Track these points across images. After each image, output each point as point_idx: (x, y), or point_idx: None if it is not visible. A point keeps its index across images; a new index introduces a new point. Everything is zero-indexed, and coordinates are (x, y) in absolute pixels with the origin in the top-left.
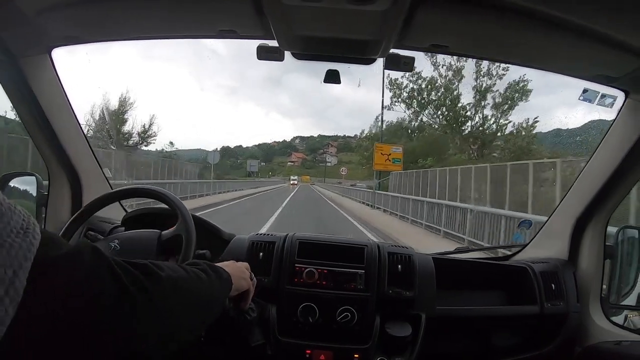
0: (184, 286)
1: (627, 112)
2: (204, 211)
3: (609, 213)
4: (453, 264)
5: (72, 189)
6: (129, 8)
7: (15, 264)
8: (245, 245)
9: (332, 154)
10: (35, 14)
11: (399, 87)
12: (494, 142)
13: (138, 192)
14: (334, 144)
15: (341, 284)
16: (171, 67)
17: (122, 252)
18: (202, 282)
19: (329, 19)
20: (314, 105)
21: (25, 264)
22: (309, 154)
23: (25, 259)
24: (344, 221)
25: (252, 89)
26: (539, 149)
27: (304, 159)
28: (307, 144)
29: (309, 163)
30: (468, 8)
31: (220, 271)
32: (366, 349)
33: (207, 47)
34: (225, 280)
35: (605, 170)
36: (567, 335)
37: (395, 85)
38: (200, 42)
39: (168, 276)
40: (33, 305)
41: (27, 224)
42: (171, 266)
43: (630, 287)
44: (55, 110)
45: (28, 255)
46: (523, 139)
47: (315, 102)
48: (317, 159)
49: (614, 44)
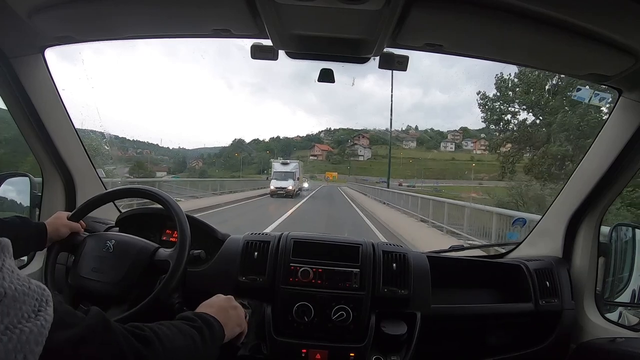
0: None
1: (620, 110)
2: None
3: (602, 211)
4: (448, 262)
5: (66, 189)
6: (122, 8)
7: (26, 349)
8: (239, 245)
9: (365, 146)
10: (27, 14)
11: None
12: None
13: (132, 193)
14: (366, 135)
15: (336, 283)
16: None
17: (114, 254)
18: (197, 347)
19: (322, 18)
20: (341, 102)
21: (36, 348)
22: (336, 146)
23: (37, 343)
24: None
25: (278, 88)
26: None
27: (329, 152)
28: (333, 136)
29: (335, 157)
30: (462, 7)
31: (215, 328)
32: (362, 348)
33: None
34: (219, 337)
35: (598, 169)
36: (562, 332)
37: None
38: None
39: (167, 349)
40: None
41: (39, 303)
42: (172, 335)
43: (624, 284)
44: (48, 111)
45: (39, 339)
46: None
47: (342, 99)
48: (345, 152)
49: (607, 43)
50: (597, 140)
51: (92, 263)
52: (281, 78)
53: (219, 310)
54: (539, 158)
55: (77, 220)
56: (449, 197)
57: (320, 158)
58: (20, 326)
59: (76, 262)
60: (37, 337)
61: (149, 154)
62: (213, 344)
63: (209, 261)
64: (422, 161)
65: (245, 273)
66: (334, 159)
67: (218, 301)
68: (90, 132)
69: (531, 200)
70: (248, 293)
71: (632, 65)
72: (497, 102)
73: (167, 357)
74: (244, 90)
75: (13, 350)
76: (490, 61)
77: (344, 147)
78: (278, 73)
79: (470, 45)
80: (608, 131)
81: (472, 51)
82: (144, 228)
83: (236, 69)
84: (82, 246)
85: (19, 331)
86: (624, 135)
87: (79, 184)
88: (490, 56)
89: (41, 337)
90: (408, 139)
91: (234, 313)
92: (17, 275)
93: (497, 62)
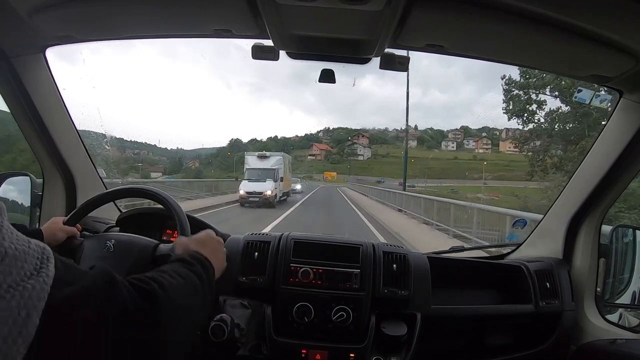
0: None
1: (621, 111)
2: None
3: (603, 212)
4: (448, 263)
5: (67, 189)
6: (123, 7)
7: (29, 305)
8: (240, 245)
9: (365, 145)
10: (28, 13)
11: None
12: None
13: (133, 192)
14: (366, 134)
15: (336, 284)
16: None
17: (115, 254)
18: (197, 293)
19: (323, 18)
20: (339, 102)
21: (39, 304)
22: (335, 145)
23: (39, 299)
24: None
25: (277, 87)
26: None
27: (328, 151)
28: (332, 135)
29: (335, 157)
30: (463, 8)
31: (210, 271)
32: (362, 348)
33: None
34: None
35: (599, 170)
36: (562, 334)
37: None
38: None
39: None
40: (45, 344)
41: (40, 262)
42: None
43: (625, 286)
44: (49, 110)
45: (42, 295)
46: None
47: (340, 99)
48: (344, 152)
49: (608, 44)
50: (598, 142)
51: (94, 264)
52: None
53: (212, 252)
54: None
55: (73, 224)
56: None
57: (318, 158)
58: (23, 284)
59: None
60: (40, 293)
61: (147, 154)
62: (210, 287)
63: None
64: (423, 160)
65: (246, 273)
66: (333, 158)
67: (209, 240)
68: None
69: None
70: (248, 293)
71: (633, 66)
72: (524, 89)
73: (170, 308)
74: (243, 90)
75: (17, 307)
76: (491, 62)
77: (343, 147)
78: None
79: (471, 46)
80: (609, 132)
81: (473, 52)
82: (145, 228)
83: (235, 68)
84: (80, 249)
85: (22, 288)
86: (625, 137)
87: (79, 184)
88: (491, 57)
89: (43, 293)
90: (409, 137)
91: (220, 249)
92: (17, 235)
93: (497, 63)
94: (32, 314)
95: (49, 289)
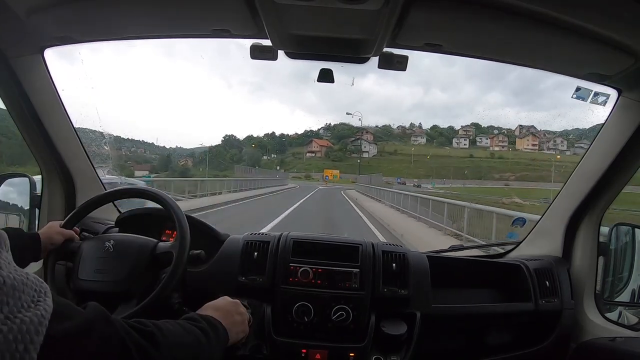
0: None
1: (620, 110)
2: None
3: (602, 210)
4: (448, 262)
5: (66, 190)
6: (121, 8)
7: (26, 339)
8: (239, 245)
9: (370, 141)
10: (27, 14)
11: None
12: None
13: (132, 193)
14: (370, 131)
15: (336, 283)
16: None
17: (115, 254)
18: (200, 347)
19: (321, 18)
20: (340, 102)
21: (36, 338)
22: (336, 142)
23: (37, 333)
24: None
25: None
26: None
27: (329, 148)
28: (333, 132)
29: (336, 154)
30: (461, 7)
31: (219, 332)
32: (361, 348)
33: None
34: (223, 340)
35: (598, 168)
36: (562, 332)
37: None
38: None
39: (171, 345)
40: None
41: (38, 294)
42: (176, 332)
43: (624, 284)
44: (48, 111)
45: (40, 329)
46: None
47: (341, 98)
48: (347, 148)
49: (606, 42)
50: (597, 140)
51: (94, 265)
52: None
53: (225, 315)
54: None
55: (70, 227)
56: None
57: (318, 155)
58: (20, 315)
59: (76, 268)
60: (38, 327)
61: (143, 152)
62: (217, 346)
63: (209, 261)
64: (435, 159)
65: (245, 273)
66: (335, 155)
67: (224, 305)
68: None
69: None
70: (248, 293)
71: (632, 64)
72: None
73: (169, 353)
74: (243, 89)
75: (14, 340)
76: (490, 61)
77: (345, 142)
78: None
79: (470, 45)
80: (607, 130)
81: (472, 51)
82: (144, 228)
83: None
84: (79, 252)
85: (19, 320)
86: (624, 135)
87: (78, 184)
88: (490, 56)
89: (41, 327)
90: (417, 133)
91: (239, 319)
92: (14, 267)
93: (496, 62)
94: (30, 349)
95: (47, 323)
